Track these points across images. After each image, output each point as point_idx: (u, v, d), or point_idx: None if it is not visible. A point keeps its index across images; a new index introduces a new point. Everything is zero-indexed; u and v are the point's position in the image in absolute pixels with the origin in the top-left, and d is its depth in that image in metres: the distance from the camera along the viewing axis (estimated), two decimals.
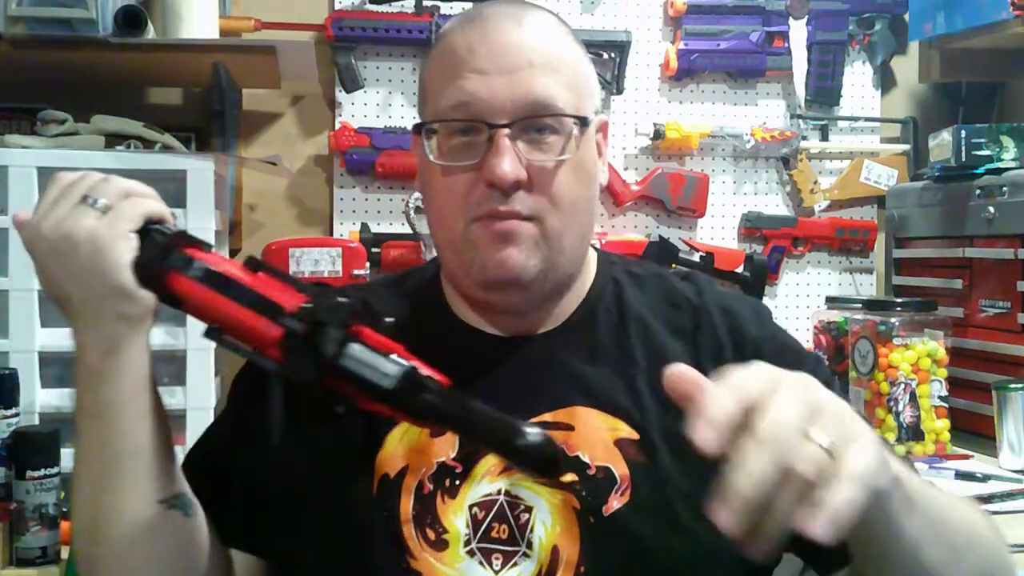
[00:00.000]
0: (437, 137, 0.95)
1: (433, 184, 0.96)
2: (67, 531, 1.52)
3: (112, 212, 0.86)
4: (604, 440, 0.92)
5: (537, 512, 0.89)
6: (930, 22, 2.14)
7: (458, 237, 0.93)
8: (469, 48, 0.93)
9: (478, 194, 0.92)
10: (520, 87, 0.91)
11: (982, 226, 1.86)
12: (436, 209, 0.97)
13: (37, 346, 1.68)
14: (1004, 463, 1.68)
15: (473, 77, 0.91)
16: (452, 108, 0.92)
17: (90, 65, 1.92)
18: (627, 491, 0.90)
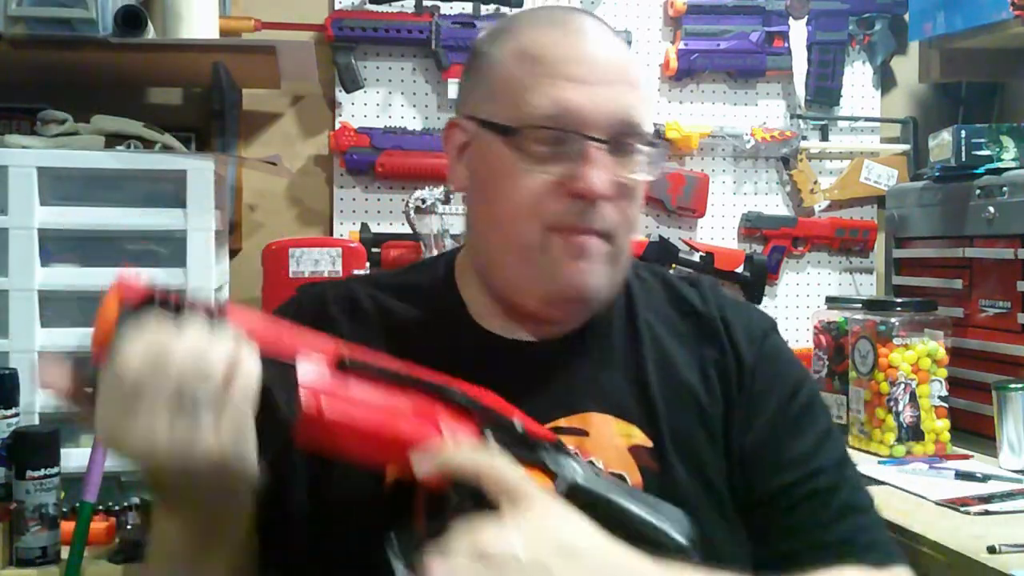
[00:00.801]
0: (519, 140, 0.90)
1: (504, 186, 0.91)
2: (67, 531, 1.53)
3: (224, 413, 0.68)
4: (618, 446, 0.92)
5: None
6: (930, 22, 2.14)
7: (529, 244, 0.90)
8: (564, 55, 0.90)
9: (559, 204, 0.89)
10: (618, 103, 0.90)
11: (982, 226, 1.86)
12: (504, 212, 0.91)
13: (37, 346, 1.68)
14: (1004, 463, 1.68)
15: (571, 87, 0.89)
16: (549, 116, 0.89)
17: (90, 65, 1.92)
18: None
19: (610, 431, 0.92)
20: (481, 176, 0.94)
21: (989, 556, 1.23)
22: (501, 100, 0.92)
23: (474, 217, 0.97)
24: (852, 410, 1.83)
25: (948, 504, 1.46)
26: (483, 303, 0.98)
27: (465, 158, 0.96)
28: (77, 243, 1.74)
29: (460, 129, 0.96)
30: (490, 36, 0.97)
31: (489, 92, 0.93)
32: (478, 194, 0.96)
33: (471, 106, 0.95)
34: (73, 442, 1.69)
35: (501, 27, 0.98)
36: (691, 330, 1.00)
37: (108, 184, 1.75)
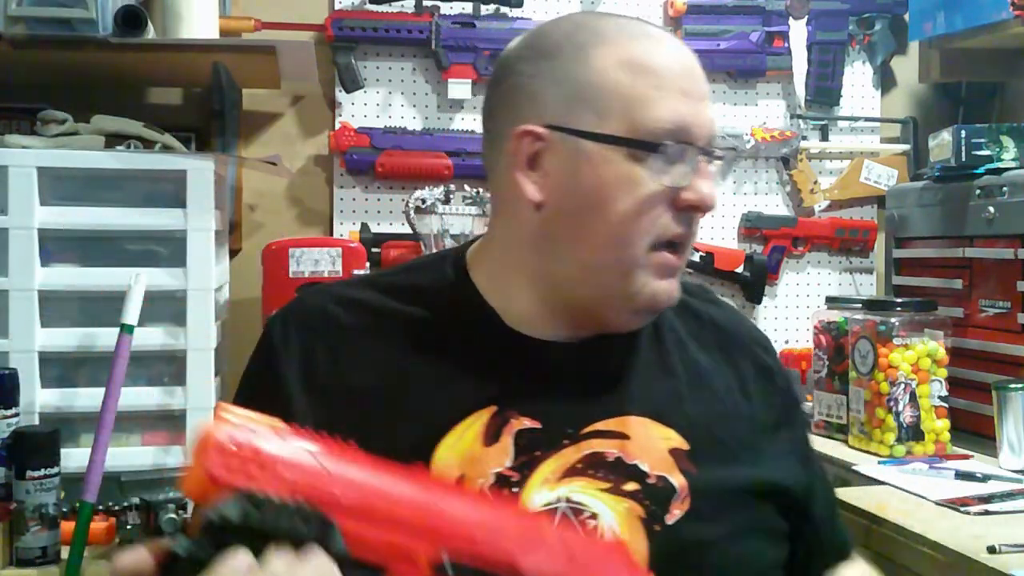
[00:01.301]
0: (638, 152, 0.89)
1: (614, 202, 0.88)
2: (67, 531, 1.53)
3: None
4: (659, 449, 0.92)
5: (603, 519, 0.88)
6: (930, 22, 2.14)
7: (633, 261, 0.90)
8: (676, 68, 0.92)
9: (667, 218, 0.90)
10: (710, 116, 0.93)
11: (982, 226, 1.86)
12: (613, 229, 0.89)
13: (37, 346, 1.68)
14: (1004, 463, 1.68)
15: (684, 100, 0.90)
16: (671, 131, 0.89)
17: (90, 65, 1.92)
18: (687, 500, 0.90)
19: (649, 434, 0.92)
20: (580, 188, 0.90)
21: (989, 556, 1.23)
22: (609, 112, 0.89)
23: (557, 229, 0.91)
24: (852, 410, 1.83)
25: (948, 504, 1.46)
26: (515, 305, 0.95)
27: (542, 169, 0.91)
28: (77, 243, 1.74)
29: (534, 138, 0.91)
30: (564, 44, 0.92)
31: (586, 101, 0.90)
32: (570, 207, 0.90)
33: (552, 115, 0.90)
34: (73, 442, 1.69)
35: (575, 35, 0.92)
36: (712, 340, 1.02)
37: (108, 184, 1.75)
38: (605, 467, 0.89)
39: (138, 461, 1.70)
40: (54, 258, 1.72)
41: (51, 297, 1.70)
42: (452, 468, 0.88)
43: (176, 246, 1.75)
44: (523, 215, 0.92)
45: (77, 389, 1.71)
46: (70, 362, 1.72)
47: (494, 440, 0.89)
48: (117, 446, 1.66)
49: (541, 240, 0.92)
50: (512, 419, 0.90)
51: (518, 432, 0.89)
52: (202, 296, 1.73)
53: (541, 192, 0.91)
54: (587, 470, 0.89)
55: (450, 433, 0.89)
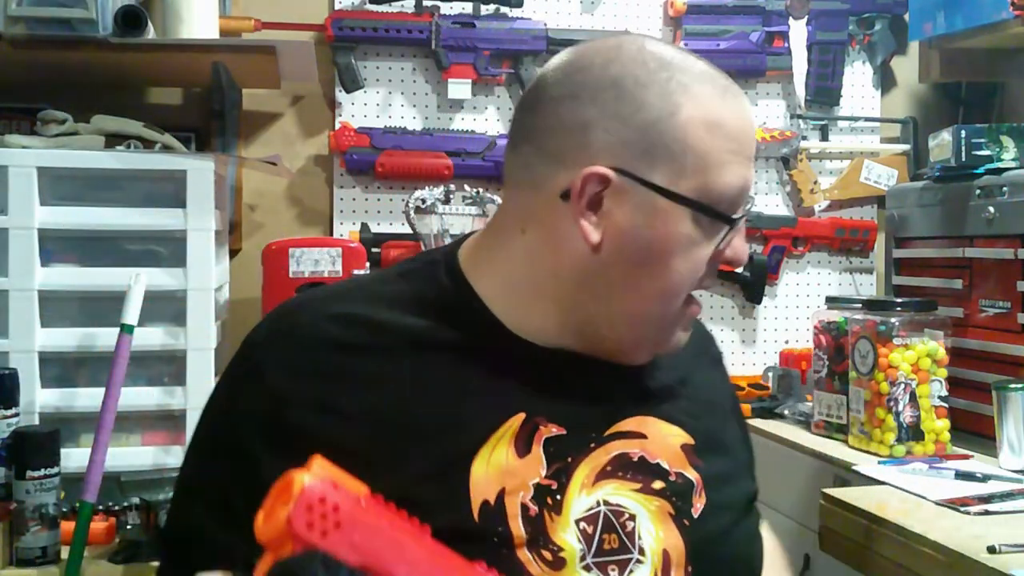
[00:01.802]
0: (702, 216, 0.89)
1: (674, 259, 0.88)
2: (67, 531, 1.53)
3: None
4: (673, 446, 0.94)
5: (640, 519, 0.89)
6: (930, 22, 2.14)
7: (672, 314, 0.92)
8: (742, 132, 0.94)
9: (706, 274, 0.92)
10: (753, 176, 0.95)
11: (982, 226, 1.86)
12: (667, 285, 0.90)
13: (37, 346, 1.68)
14: (1004, 463, 1.68)
15: (747, 164, 0.93)
16: (735, 197, 0.92)
17: (90, 65, 1.92)
18: (703, 493, 0.93)
19: (662, 432, 0.94)
20: (640, 241, 0.88)
21: (989, 556, 1.23)
22: (686, 170, 0.87)
23: (609, 274, 0.89)
24: (852, 410, 1.83)
25: (948, 504, 1.46)
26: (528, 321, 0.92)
27: (603, 211, 0.88)
28: (77, 243, 1.74)
29: (600, 180, 0.87)
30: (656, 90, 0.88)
31: (665, 156, 0.87)
32: (629, 255, 0.88)
33: (622, 160, 0.87)
34: (73, 442, 1.69)
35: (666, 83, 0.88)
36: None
37: (108, 184, 1.75)
38: (632, 467, 0.91)
39: (138, 461, 1.70)
40: (54, 258, 1.72)
41: (51, 297, 1.70)
42: (492, 484, 0.86)
43: (176, 246, 1.75)
44: (570, 249, 0.89)
45: (77, 389, 1.71)
46: (70, 362, 1.72)
47: (526, 450, 0.88)
48: (117, 446, 1.66)
49: (587, 278, 0.90)
50: (541, 426, 0.89)
51: (546, 440, 0.89)
52: (202, 296, 1.73)
53: (599, 234, 0.88)
54: (617, 472, 0.90)
55: (483, 447, 0.87)
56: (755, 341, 2.42)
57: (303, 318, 0.92)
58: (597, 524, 0.88)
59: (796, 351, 2.25)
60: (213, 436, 0.93)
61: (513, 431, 0.88)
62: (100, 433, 1.56)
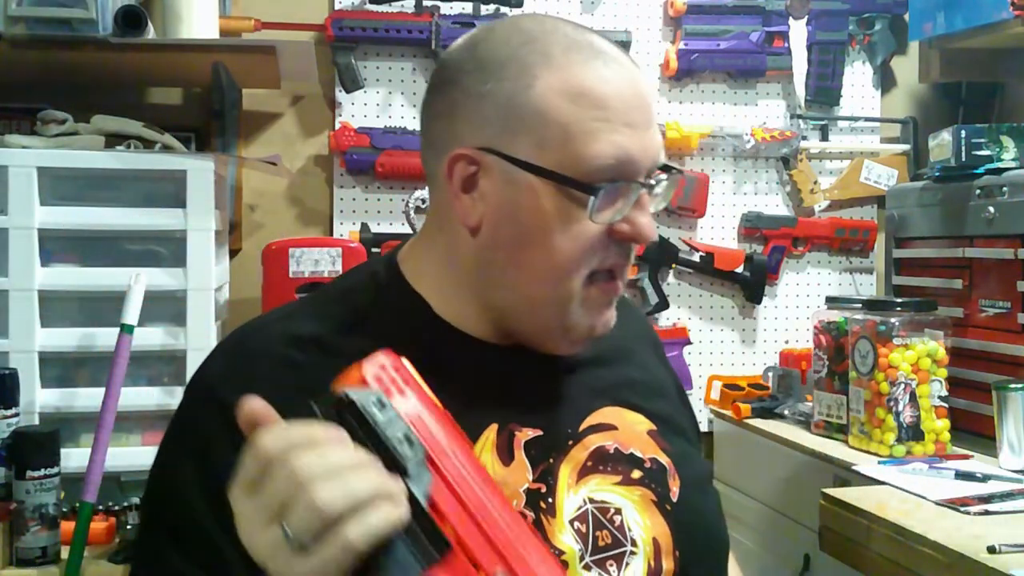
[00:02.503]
0: (574, 191, 0.84)
1: (553, 237, 0.85)
2: (67, 531, 1.53)
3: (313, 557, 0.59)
4: (640, 434, 0.95)
5: (626, 511, 0.90)
6: (930, 22, 2.14)
7: (570, 295, 0.87)
8: (623, 99, 0.85)
9: (606, 250, 0.87)
10: (656, 145, 0.88)
11: (982, 226, 1.86)
12: (552, 264, 0.86)
13: (37, 346, 1.68)
14: (1004, 463, 1.68)
15: (627, 132, 0.85)
16: (611, 167, 0.84)
17: (90, 65, 1.92)
18: (676, 476, 0.94)
19: (627, 421, 0.95)
20: (515, 219, 0.86)
21: (989, 556, 1.23)
22: (549, 143, 0.84)
23: (498, 257, 0.88)
24: (852, 410, 1.83)
25: (948, 504, 1.46)
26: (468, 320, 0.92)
27: (478, 192, 0.86)
28: (77, 243, 1.74)
29: (469, 161, 0.86)
30: (511, 64, 0.86)
31: (526, 128, 0.85)
32: (510, 236, 0.87)
33: (490, 138, 0.86)
34: (73, 442, 1.69)
35: (523, 55, 0.86)
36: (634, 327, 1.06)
37: (108, 184, 1.75)
38: (611, 460, 0.91)
39: (138, 461, 1.70)
40: (54, 258, 1.72)
41: (51, 297, 1.70)
42: None
43: (176, 246, 1.75)
44: (462, 236, 0.89)
45: (77, 389, 1.71)
46: (70, 362, 1.72)
47: (510, 458, 0.87)
48: (117, 446, 1.66)
49: (480, 266, 0.89)
50: (516, 431, 0.89)
51: (526, 443, 0.89)
52: (202, 296, 1.73)
53: (476, 217, 0.87)
54: (597, 466, 0.90)
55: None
56: (755, 341, 2.42)
57: (255, 343, 0.90)
58: (588, 522, 0.88)
59: (796, 351, 2.25)
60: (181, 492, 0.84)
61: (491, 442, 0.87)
62: (100, 433, 1.56)
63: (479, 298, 0.91)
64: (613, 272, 0.89)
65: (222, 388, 0.85)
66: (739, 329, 2.42)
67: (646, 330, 1.11)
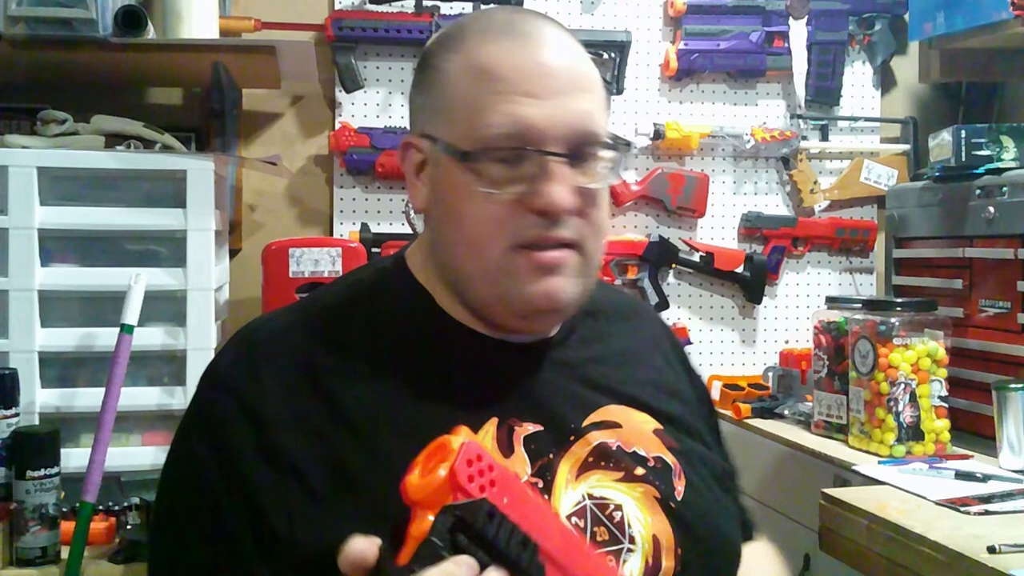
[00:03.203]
0: (475, 163, 0.86)
1: (465, 211, 0.87)
2: (67, 531, 1.53)
3: None
4: (646, 432, 0.94)
5: (627, 508, 0.90)
6: (930, 22, 2.14)
7: (495, 266, 0.87)
8: (518, 70, 0.87)
9: (521, 221, 0.86)
10: (575, 112, 0.88)
11: (982, 226, 1.86)
12: (467, 238, 0.88)
13: (37, 346, 1.68)
14: (1004, 463, 1.68)
15: (525, 101, 0.86)
16: (505, 136, 0.85)
17: (90, 65, 1.92)
18: (682, 475, 0.93)
19: (633, 419, 0.95)
20: (442, 197, 0.90)
21: (989, 556, 1.23)
22: (455, 120, 0.88)
23: (439, 236, 0.92)
24: (852, 410, 1.83)
25: (948, 504, 1.46)
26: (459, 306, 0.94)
27: (424, 177, 0.92)
28: (77, 243, 1.74)
29: (415, 148, 0.92)
30: (440, 47, 0.93)
31: (442, 110, 0.90)
32: (441, 214, 0.91)
33: (424, 124, 0.92)
34: (73, 442, 1.69)
35: (450, 36, 0.93)
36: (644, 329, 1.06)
37: (108, 184, 1.75)
38: (612, 456, 0.91)
39: (138, 461, 1.70)
40: (54, 258, 1.73)
41: (51, 297, 1.70)
42: None
43: (176, 246, 1.75)
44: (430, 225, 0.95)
45: (77, 389, 1.71)
46: (70, 362, 1.72)
47: (510, 451, 0.88)
48: (117, 446, 1.67)
49: (435, 248, 0.93)
50: (516, 426, 0.89)
51: (526, 438, 0.89)
52: (202, 296, 1.73)
53: (422, 201, 0.93)
54: (599, 462, 0.90)
55: None
56: (755, 341, 2.42)
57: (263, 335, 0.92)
58: (586, 518, 0.88)
59: (796, 351, 2.25)
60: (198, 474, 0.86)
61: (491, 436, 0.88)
62: (100, 433, 1.56)
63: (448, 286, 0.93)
64: (538, 244, 0.88)
65: (234, 376, 0.88)
66: (739, 329, 2.42)
67: (660, 337, 1.08)
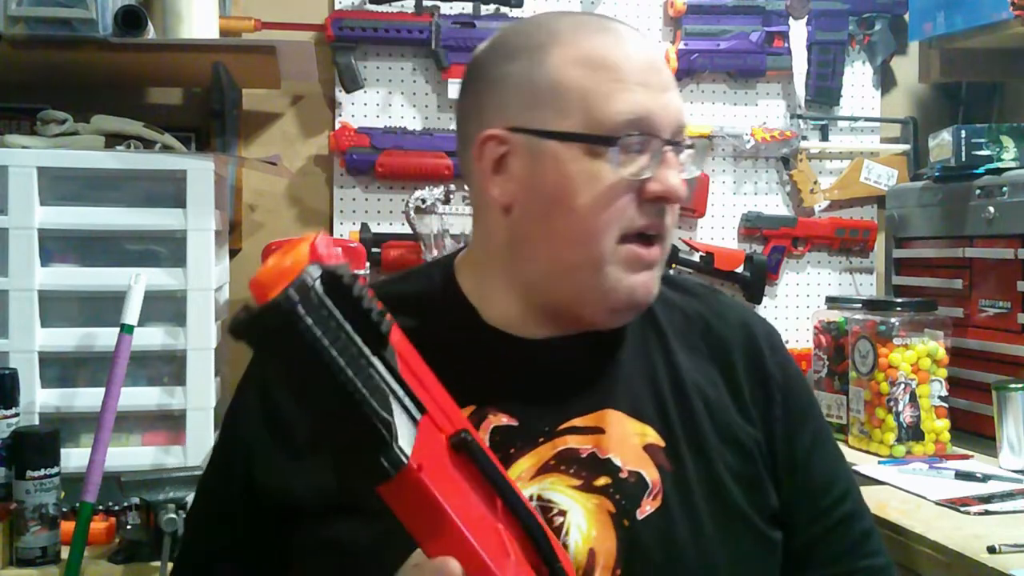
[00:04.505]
0: (598, 148, 0.88)
1: (577, 199, 0.89)
2: (67, 531, 1.53)
3: None
4: (634, 445, 0.92)
5: (571, 515, 0.89)
6: (930, 22, 2.14)
7: (603, 257, 0.89)
8: (634, 61, 0.90)
9: (632, 210, 0.89)
10: (675, 107, 0.92)
11: (982, 226, 1.86)
12: (577, 226, 0.89)
13: (37, 346, 1.68)
14: (1004, 463, 1.68)
15: (642, 91, 0.89)
16: (631, 122, 0.88)
17: (90, 65, 1.92)
18: (658, 496, 0.90)
19: (625, 430, 0.93)
20: (543, 188, 0.90)
21: (989, 556, 1.23)
22: (567, 110, 0.89)
23: (531, 230, 0.92)
24: (852, 410, 1.83)
25: (948, 504, 1.46)
26: (497, 307, 0.95)
27: (507, 172, 0.92)
28: (77, 243, 1.74)
29: (498, 142, 0.91)
30: (523, 47, 0.93)
31: (544, 101, 0.90)
32: (539, 206, 0.91)
33: (510, 118, 0.91)
34: (73, 442, 1.69)
35: (533, 36, 0.93)
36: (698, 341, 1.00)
37: (108, 184, 1.75)
38: (578, 463, 0.90)
39: (138, 461, 1.70)
40: (54, 258, 1.72)
41: (51, 297, 1.70)
42: None
43: (176, 246, 1.74)
44: (495, 219, 0.94)
45: (77, 389, 1.71)
46: (70, 362, 1.72)
47: None
48: (117, 446, 1.66)
49: (514, 243, 0.93)
50: (491, 415, 0.90)
51: (493, 429, 0.90)
52: (202, 296, 1.73)
53: (508, 196, 0.92)
54: (560, 466, 0.90)
55: None
56: None
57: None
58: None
59: (796, 351, 2.25)
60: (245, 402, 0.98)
61: None
62: (100, 433, 1.56)
63: (513, 283, 0.94)
64: (647, 235, 0.91)
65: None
66: None
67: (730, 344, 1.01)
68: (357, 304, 0.62)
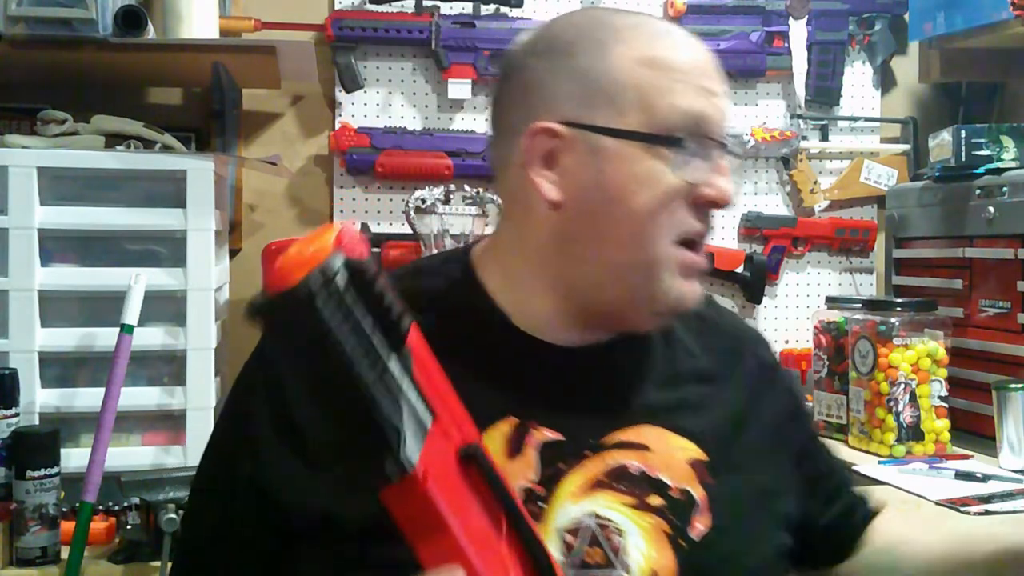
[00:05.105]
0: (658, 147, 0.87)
1: (638, 199, 0.86)
2: (67, 531, 1.53)
3: None
4: (679, 461, 0.90)
5: (629, 536, 0.86)
6: (930, 22, 2.14)
7: (654, 260, 0.88)
8: (688, 64, 0.89)
9: (684, 215, 0.88)
10: (727, 115, 0.91)
11: (982, 226, 1.86)
12: (631, 227, 0.87)
13: (37, 346, 1.68)
14: (1004, 463, 1.68)
15: (703, 94, 0.89)
16: (692, 124, 0.87)
17: (90, 65, 1.92)
18: (707, 513, 0.89)
19: (669, 445, 0.90)
20: (598, 189, 0.87)
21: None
22: (626, 107, 0.87)
23: (577, 229, 0.89)
24: (852, 410, 1.83)
25: (948, 504, 1.46)
26: (528, 308, 0.92)
27: (559, 167, 0.88)
28: (77, 243, 1.74)
29: (550, 135, 0.88)
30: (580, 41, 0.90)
31: (603, 99, 0.87)
32: (589, 206, 0.88)
33: (564, 113, 0.88)
34: (73, 442, 1.69)
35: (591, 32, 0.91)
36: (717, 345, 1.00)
37: (108, 184, 1.75)
38: (630, 480, 0.88)
39: (138, 461, 1.70)
40: (54, 258, 1.72)
41: (51, 297, 1.70)
42: None
43: (176, 246, 1.75)
44: (539, 216, 0.89)
45: (77, 389, 1.71)
46: (70, 362, 1.72)
47: (517, 452, 0.86)
48: (117, 446, 1.66)
49: (560, 242, 0.89)
50: (533, 430, 0.87)
51: (544, 445, 0.87)
52: (202, 296, 1.73)
53: (558, 191, 0.88)
54: (612, 483, 0.87)
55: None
56: None
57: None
58: (583, 537, 0.85)
59: (796, 351, 2.25)
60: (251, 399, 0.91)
61: (503, 434, 0.86)
62: (100, 433, 1.56)
63: (555, 283, 0.91)
64: (693, 240, 0.90)
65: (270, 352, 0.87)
66: None
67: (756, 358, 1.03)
68: (379, 299, 0.60)
